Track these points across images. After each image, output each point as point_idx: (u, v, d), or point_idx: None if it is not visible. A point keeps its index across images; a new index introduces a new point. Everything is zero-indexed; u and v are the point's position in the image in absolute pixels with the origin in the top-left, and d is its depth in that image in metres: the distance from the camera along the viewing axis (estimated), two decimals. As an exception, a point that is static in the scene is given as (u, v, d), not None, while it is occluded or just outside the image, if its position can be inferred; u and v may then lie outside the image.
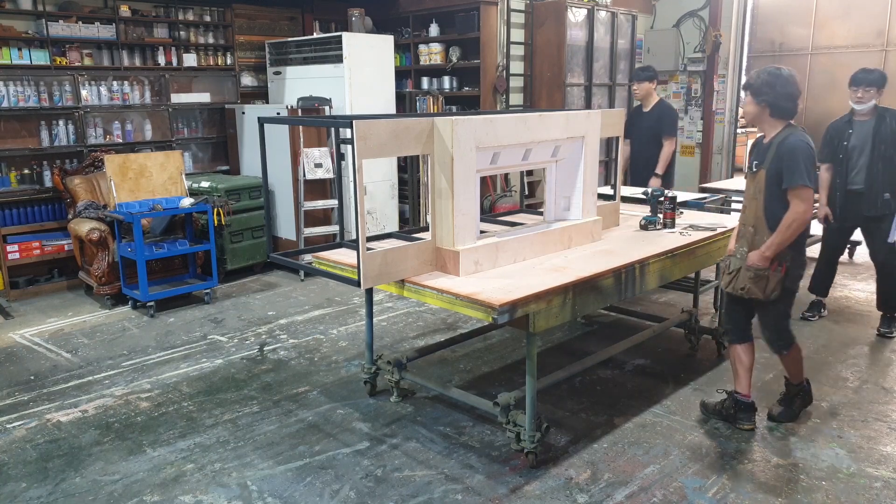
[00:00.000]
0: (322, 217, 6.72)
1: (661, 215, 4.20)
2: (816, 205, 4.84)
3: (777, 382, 4.10)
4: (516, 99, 8.30)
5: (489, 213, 6.34)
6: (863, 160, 4.70)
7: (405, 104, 8.03)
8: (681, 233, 4.05)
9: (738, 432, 3.53)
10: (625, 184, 5.86)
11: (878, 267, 4.91)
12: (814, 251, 5.05)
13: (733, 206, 6.40)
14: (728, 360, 4.42)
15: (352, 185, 3.03)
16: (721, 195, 6.18)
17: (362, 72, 6.56)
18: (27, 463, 3.36)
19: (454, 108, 8.10)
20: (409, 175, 7.38)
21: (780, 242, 3.23)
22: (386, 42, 6.86)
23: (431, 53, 8.18)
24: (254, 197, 6.52)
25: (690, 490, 3.05)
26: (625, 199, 4.87)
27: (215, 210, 5.76)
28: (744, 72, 10.77)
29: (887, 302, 4.88)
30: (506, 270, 3.31)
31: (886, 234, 4.66)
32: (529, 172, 7.68)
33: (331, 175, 6.39)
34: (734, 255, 3.45)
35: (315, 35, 7.24)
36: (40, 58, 6.17)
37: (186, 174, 6.48)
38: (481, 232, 3.56)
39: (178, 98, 6.98)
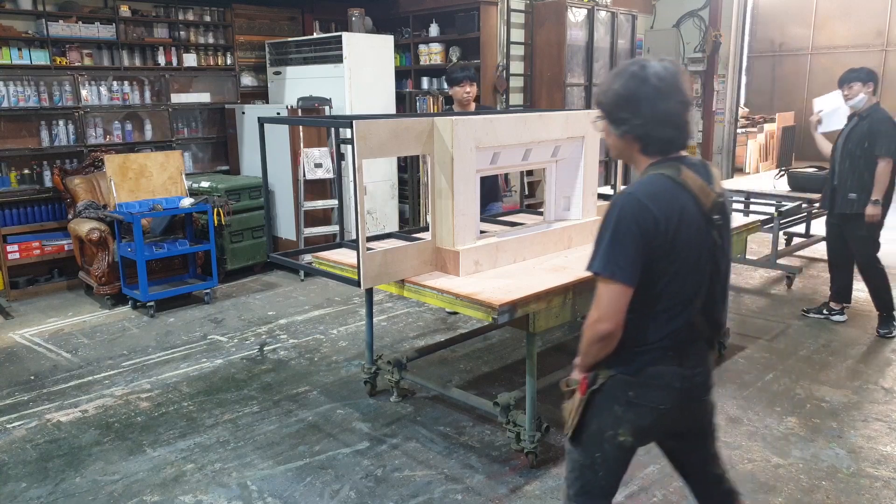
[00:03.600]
0: (322, 217, 6.72)
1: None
2: None
3: (777, 382, 4.10)
4: (516, 99, 8.30)
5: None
6: (838, 157, 4.84)
7: (405, 104, 8.03)
8: (681, 233, 4.04)
9: (738, 433, 3.53)
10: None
11: (858, 268, 4.96)
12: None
13: (733, 205, 6.42)
14: (728, 360, 4.44)
15: (352, 185, 3.04)
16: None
17: (362, 72, 6.56)
18: (27, 463, 3.35)
19: (454, 108, 8.09)
20: (409, 175, 7.38)
21: (583, 352, 1.95)
22: (386, 42, 6.86)
23: (431, 53, 8.17)
24: (254, 197, 6.51)
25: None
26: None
27: (215, 210, 5.76)
28: (744, 72, 10.78)
29: (877, 300, 4.90)
30: (506, 270, 3.30)
31: (854, 234, 4.80)
32: (529, 172, 7.68)
33: (331, 175, 6.39)
34: None
35: (315, 35, 7.24)
36: (40, 58, 6.17)
37: (186, 174, 6.47)
38: (481, 232, 3.56)
39: (178, 98, 6.98)
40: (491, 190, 4.87)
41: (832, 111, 5.35)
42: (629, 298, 1.82)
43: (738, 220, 4.58)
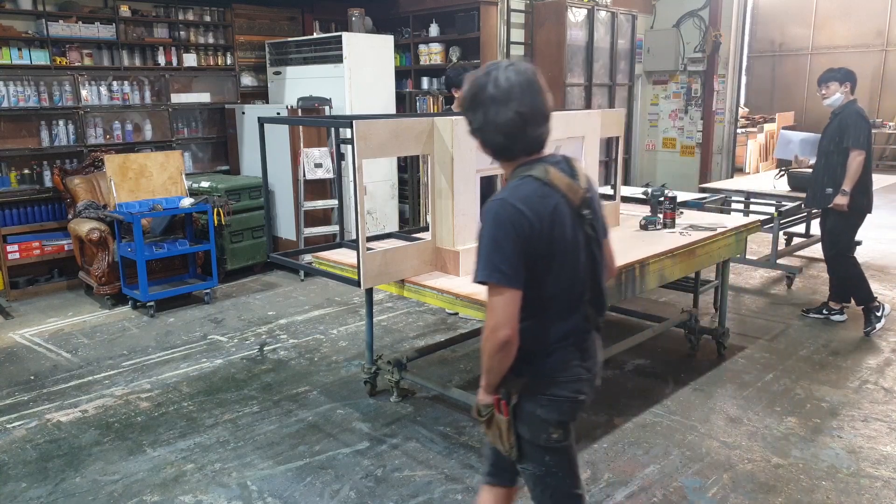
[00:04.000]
0: (322, 217, 6.72)
1: (661, 215, 4.20)
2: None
3: (777, 382, 4.10)
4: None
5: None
6: (817, 155, 5.00)
7: (405, 104, 8.03)
8: (681, 233, 4.05)
9: (738, 433, 3.53)
10: None
11: (827, 259, 5.05)
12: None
13: (733, 205, 6.42)
14: (728, 360, 4.44)
15: (352, 185, 3.05)
16: (721, 195, 6.19)
17: (362, 72, 6.56)
18: (27, 463, 3.36)
19: (455, 110, 8.09)
20: (409, 175, 7.38)
21: (486, 368, 1.91)
22: (386, 42, 6.86)
23: (431, 53, 8.17)
24: (254, 197, 6.51)
25: (690, 490, 3.05)
26: (625, 199, 4.87)
27: (215, 210, 5.76)
28: (744, 72, 10.77)
29: (856, 295, 4.95)
30: (506, 270, 3.30)
31: (831, 226, 4.88)
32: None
33: (331, 175, 6.39)
34: None
35: (315, 35, 7.24)
36: (40, 58, 6.17)
37: (186, 174, 6.47)
38: (481, 232, 3.56)
39: (178, 98, 6.98)
40: (486, 196, 4.82)
41: (798, 145, 5.67)
42: (519, 302, 1.83)
43: (738, 220, 4.59)
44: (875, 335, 4.81)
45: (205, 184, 6.44)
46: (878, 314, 4.88)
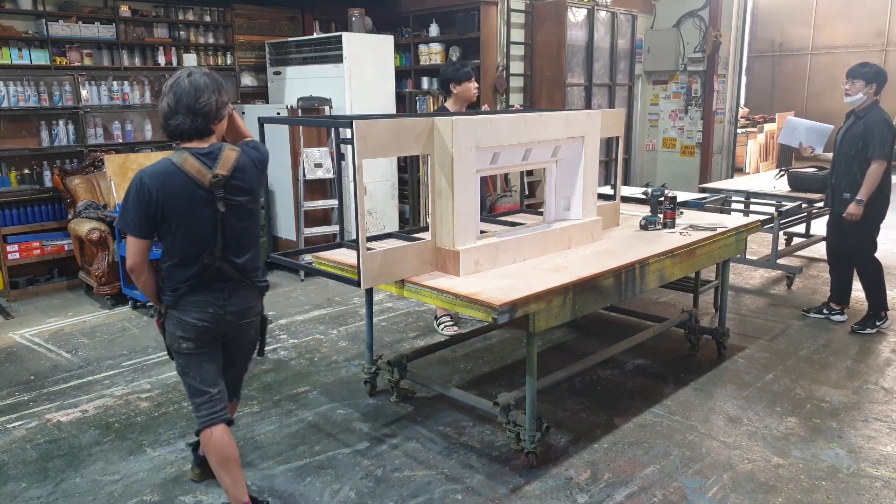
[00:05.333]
0: (322, 217, 6.72)
1: (661, 215, 4.20)
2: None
3: (777, 382, 4.10)
4: (516, 99, 8.30)
5: (489, 213, 6.33)
6: (835, 157, 4.87)
7: (405, 104, 8.03)
8: (681, 233, 4.05)
9: (738, 433, 3.53)
10: None
11: (856, 266, 4.97)
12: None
13: (733, 205, 6.42)
14: (728, 360, 4.44)
15: (352, 185, 3.04)
16: (721, 195, 6.20)
17: (362, 72, 6.56)
18: (27, 463, 3.36)
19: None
20: (409, 175, 7.38)
21: (138, 286, 2.73)
22: (386, 42, 6.86)
23: (431, 53, 8.17)
24: (254, 197, 6.50)
25: (690, 490, 3.06)
26: (625, 199, 4.87)
27: (215, 210, 5.75)
28: (744, 72, 10.77)
29: (870, 298, 4.92)
30: (506, 270, 3.30)
31: (851, 233, 4.78)
32: (529, 172, 7.67)
33: (331, 175, 6.39)
34: None
35: (315, 35, 7.24)
36: (40, 58, 6.17)
37: (186, 174, 6.46)
38: (481, 232, 3.56)
39: (178, 98, 6.97)
40: (485, 195, 4.78)
41: (804, 133, 5.63)
42: (144, 247, 2.58)
43: (738, 220, 4.59)
44: (875, 336, 4.81)
45: (205, 184, 6.42)
46: (879, 323, 4.87)
